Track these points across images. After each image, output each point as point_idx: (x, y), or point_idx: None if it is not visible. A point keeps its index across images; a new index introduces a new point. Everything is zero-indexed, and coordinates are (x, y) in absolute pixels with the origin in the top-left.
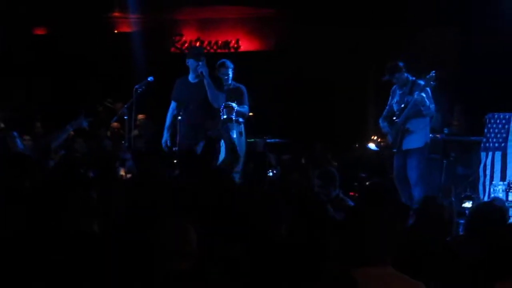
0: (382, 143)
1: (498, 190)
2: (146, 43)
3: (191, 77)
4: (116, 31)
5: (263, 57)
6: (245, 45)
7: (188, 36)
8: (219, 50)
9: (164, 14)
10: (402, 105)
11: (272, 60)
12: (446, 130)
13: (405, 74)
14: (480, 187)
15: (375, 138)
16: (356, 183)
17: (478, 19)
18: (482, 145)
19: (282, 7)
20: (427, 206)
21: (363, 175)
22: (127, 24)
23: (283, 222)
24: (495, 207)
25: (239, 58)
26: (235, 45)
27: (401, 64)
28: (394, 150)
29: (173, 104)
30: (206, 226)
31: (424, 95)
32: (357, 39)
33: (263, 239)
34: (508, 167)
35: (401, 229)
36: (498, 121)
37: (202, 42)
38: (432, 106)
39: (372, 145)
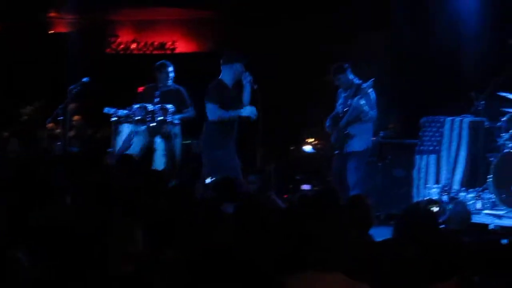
0: (318, 146)
1: (433, 193)
2: (81, 44)
3: (229, 81)
4: (51, 32)
5: (199, 58)
6: (181, 46)
7: (124, 37)
8: (155, 52)
9: (100, 15)
10: (346, 109)
11: (209, 62)
12: (382, 133)
13: (350, 76)
14: (414, 190)
15: (311, 140)
16: (291, 186)
17: (412, 24)
18: (417, 148)
19: (220, 9)
20: (354, 206)
21: (298, 177)
22: (63, 24)
23: (219, 225)
24: (426, 209)
25: (175, 59)
26: (171, 47)
27: (345, 65)
28: (336, 152)
29: (213, 107)
30: (145, 229)
31: (363, 102)
32: (294, 41)
33: (200, 243)
34: (442, 170)
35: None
36: (432, 124)
37: (138, 43)
38: (373, 112)
39: (308, 148)
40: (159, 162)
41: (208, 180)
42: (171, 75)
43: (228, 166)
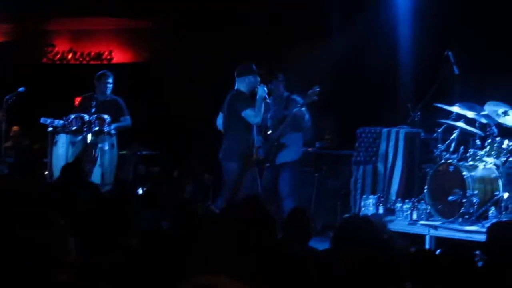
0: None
1: (369, 203)
2: (17, 53)
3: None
4: None
5: (136, 69)
6: (118, 56)
7: (61, 47)
8: (91, 62)
9: (36, 25)
10: (277, 120)
11: (146, 72)
12: (317, 144)
13: (282, 87)
14: (351, 201)
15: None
16: None
17: (349, 33)
18: (353, 159)
19: (156, 19)
20: (294, 218)
21: None
22: None
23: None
24: (363, 220)
25: (111, 69)
26: (108, 57)
27: (281, 75)
28: (267, 165)
29: (251, 111)
30: (81, 236)
31: (303, 109)
32: (233, 52)
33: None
34: (378, 181)
35: (267, 241)
36: (369, 135)
37: (74, 53)
38: (308, 124)
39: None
40: (96, 172)
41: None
42: (110, 86)
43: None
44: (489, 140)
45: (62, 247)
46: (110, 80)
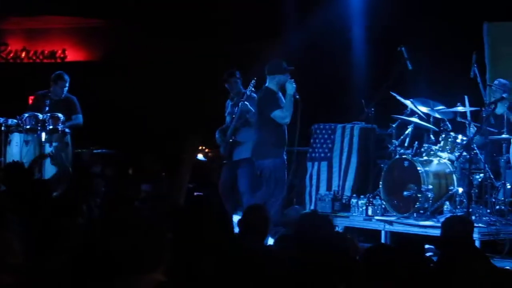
0: (209, 154)
1: (324, 199)
2: None
3: (275, 89)
4: None
5: (89, 67)
6: (72, 55)
7: (14, 46)
8: (45, 60)
9: None
10: (233, 116)
11: (99, 71)
12: None
13: (239, 84)
14: (307, 197)
15: (203, 148)
16: None
17: (302, 32)
18: (308, 155)
19: (110, 18)
20: (250, 216)
21: (190, 185)
22: None
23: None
24: (319, 216)
25: (65, 68)
26: (62, 55)
27: (237, 73)
28: (225, 162)
29: (280, 112)
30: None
31: (247, 103)
32: (186, 51)
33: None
34: (333, 177)
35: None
36: (324, 131)
37: (28, 52)
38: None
39: (200, 156)
40: (50, 171)
41: None
42: (66, 89)
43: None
44: (443, 135)
45: (7, 249)
46: (67, 84)
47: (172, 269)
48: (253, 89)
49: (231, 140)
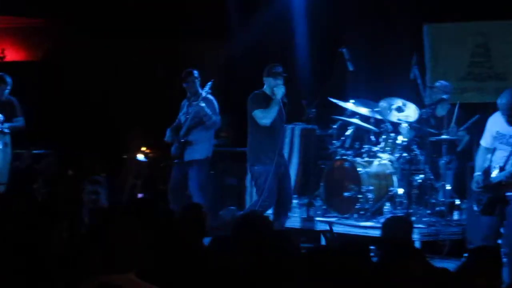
0: (150, 155)
1: None
2: None
3: (269, 92)
4: None
5: (29, 67)
6: (11, 55)
7: None
8: None
9: None
10: (187, 116)
11: (39, 71)
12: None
13: (197, 85)
14: (247, 198)
15: (144, 149)
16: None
17: (245, 32)
18: None
19: (51, 17)
20: (189, 215)
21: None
22: None
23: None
24: (258, 216)
25: (4, 68)
26: (1, 55)
27: (195, 72)
28: (176, 161)
29: (259, 112)
30: None
31: (203, 105)
32: (129, 50)
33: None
34: None
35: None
36: None
37: None
38: (216, 117)
39: (141, 156)
40: None
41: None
42: (7, 91)
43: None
44: (384, 136)
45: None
46: (9, 87)
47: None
48: (209, 90)
49: (183, 140)
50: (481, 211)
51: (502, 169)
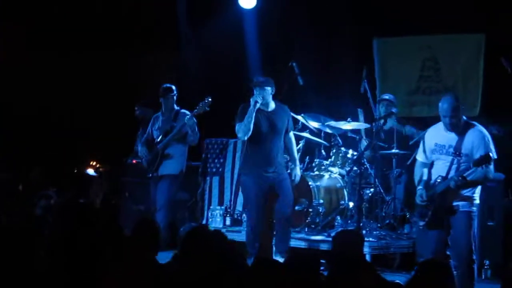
0: (101, 169)
1: (216, 214)
2: None
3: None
4: None
5: None
6: None
7: None
8: None
9: None
10: (164, 131)
11: None
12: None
13: (173, 100)
14: (199, 212)
15: (94, 163)
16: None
17: (197, 44)
18: (200, 170)
19: None
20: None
21: (82, 200)
22: None
23: None
24: (207, 230)
25: None
26: None
27: (174, 88)
28: (149, 175)
29: (237, 126)
30: None
31: (195, 120)
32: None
33: None
34: (225, 192)
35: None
36: (215, 146)
37: None
38: (197, 137)
39: (90, 171)
40: None
41: None
42: None
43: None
44: (334, 150)
45: None
46: None
47: None
48: (201, 111)
49: (160, 154)
50: (427, 225)
51: (444, 178)
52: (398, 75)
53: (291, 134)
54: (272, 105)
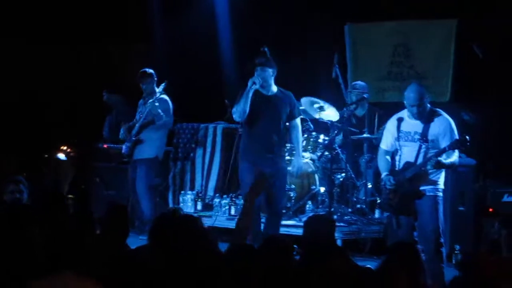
0: (71, 154)
1: (187, 199)
2: None
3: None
4: None
5: None
6: None
7: None
8: None
9: None
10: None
11: None
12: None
13: (154, 85)
14: (170, 196)
15: (65, 148)
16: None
17: (170, 36)
18: (171, 155)
19: None
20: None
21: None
22: None
23: None
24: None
25: None
26: None
27: (152, 72)
28: (125, 160)
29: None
30: None
31: (157, 104)
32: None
33: None
34: (196, 177)
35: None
36: (186, 131)
37: None
38: (168, 118)
39: (61, 155)
40: None
41: None
42: None
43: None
44: (305, 135)
45: None
46: None
47: None
48: (162, 91)
49: (134, 138)
50: (395, 211)
51: (413, 164)
52: (370, 61)
53: (297, 122)
54: (273, 89)
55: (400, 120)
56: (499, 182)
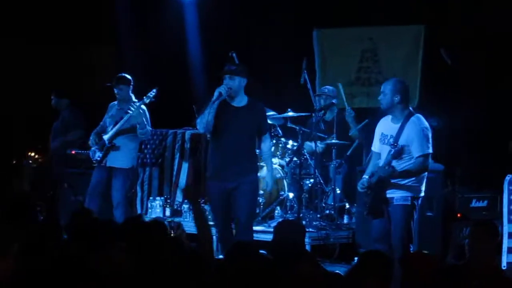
0: (39, 160)
1: (156, 205)
2: None
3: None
4: None
5: None
6: None
7: None
8: None
9: None
10: (115, 121)
11: None
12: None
13: (130, 91)
14: (138, 203)
15: (32, 154)
16: None
17: (136, 38)
18: (139, 160)
19: None
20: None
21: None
22: None
23: None
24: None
25: None
26: None
27: (130, 78)
28: (94, 165)
29: None
30: None
31: (141, 112)
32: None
33: None
34: (165, 182)
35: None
36: (155, 137)
37: None
38: (148, 130)
39: (29, 162)
40: None
41: None
42: None
43: None
44: (274, 141)
45: None
46: None
47: None
48: (152, 98)
49: (108, 144)
50: (367, 214)
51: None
52: (338, 66)
53: (267, 136)
54: (243, 100)
55: (384, 122)
56: (468, 188)
